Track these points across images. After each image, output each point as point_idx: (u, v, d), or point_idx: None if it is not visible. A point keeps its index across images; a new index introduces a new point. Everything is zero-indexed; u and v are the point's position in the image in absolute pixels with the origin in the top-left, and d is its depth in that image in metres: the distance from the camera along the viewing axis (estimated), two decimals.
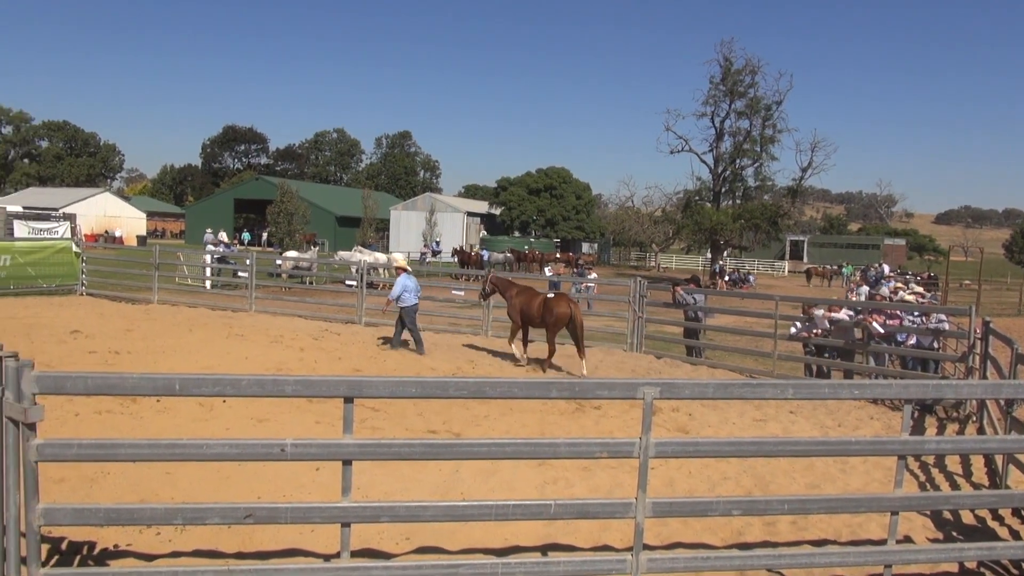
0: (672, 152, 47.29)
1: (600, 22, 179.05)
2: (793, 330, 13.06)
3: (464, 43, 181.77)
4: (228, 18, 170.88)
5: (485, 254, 42.15)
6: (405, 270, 13.51)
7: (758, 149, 45.59)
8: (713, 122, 46.20)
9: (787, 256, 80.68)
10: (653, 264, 69.13)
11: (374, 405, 8.52)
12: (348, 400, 3.96)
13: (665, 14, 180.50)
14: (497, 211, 68.62)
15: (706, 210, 45.48)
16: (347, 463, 4.00)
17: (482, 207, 71.85)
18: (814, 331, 12.54)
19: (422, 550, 5.10)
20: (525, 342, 13.04)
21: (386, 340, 13.68)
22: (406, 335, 13.30)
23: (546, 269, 31.96)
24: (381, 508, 4.18)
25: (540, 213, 66.08)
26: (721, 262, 49.02)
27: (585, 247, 66.77)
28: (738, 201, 47.21)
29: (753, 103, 44.93)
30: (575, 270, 36.65)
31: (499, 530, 5.31)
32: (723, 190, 47.20)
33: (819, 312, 12.60)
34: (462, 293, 21.33)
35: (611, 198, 69.31)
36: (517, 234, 65.00)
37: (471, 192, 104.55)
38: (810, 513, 5.54)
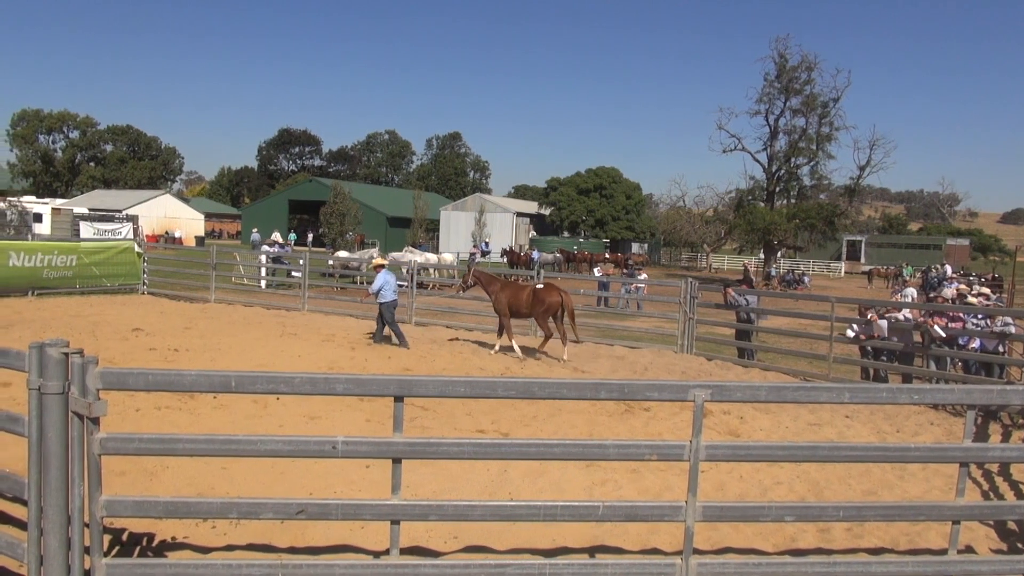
0: (725, 151, 46.60)
1: (651, 20, 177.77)
2: (851, 333, 12.74)
3: (513, 43, 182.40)
4: (285, 24, 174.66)
5: (536, 254, 42.06)
6: (383, 266, 13.86)
7: (814, 147, 44.59)
8: (767, 120, 45.38)
9: (844, 257, 78.64)
10: (704, 265, 68.21)
11: (423, 404, 8.59)
12: (398, 399, 4.00)
13: (718, 11, 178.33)
14: (547, 211, 68.57)
15: (759, 210, 44.66)
16: (397, 461, 4.04)
17: (531, 207, 71.88)
18: (872, 334, 12.21)
19: (470, 549, 5.12)
20: (510, 333, 13.28)
21: (390, 340, 13.73)
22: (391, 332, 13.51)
23: (595, 270, 31.82)
24: (430, 507, 4.20)
25: (590, 213, 65.79)
26: (774, 263, 48.09)
27: (635, 247, 66.23)
28: (793, 200, 46.26)
29: (809, 100, 43.96)
30: (625, 271, 36.40)
31: (547, 531, 5.30)
32: (777, 189, 46.30)
33: (869, 316, 12.27)
34: None
35: (662, 198, 68.71)
36: (567, 234, 64.85)
37: (520, 192, 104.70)
38: (866, 520, 5.39)
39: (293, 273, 21.94)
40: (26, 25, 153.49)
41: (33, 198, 59.16)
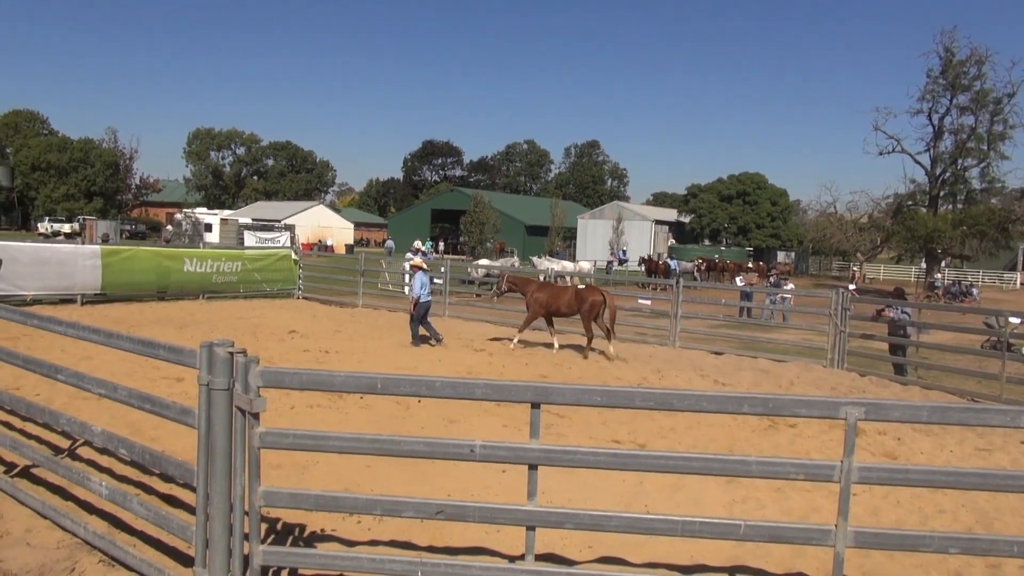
0: (881, 153, 43.92)
1: (797, 15, 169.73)
2: None
3: (652, 46, 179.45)
4: (428, 42, 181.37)
5: (674, 263, 41.08)
6: (421, 268, 14.31)
7: (985, 147, 41.03)
8: (931, 119, 42.27)
9: (1020, 267, 71.59)
10: (858, 274, 64.25)
11: (559, 411, 8.60)
12: (535, 405, 4.02)
13: (872, 3, 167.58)
14: (686, 219, 67.09)
15: (921, 216, 41.58)
16: (533, 467, 4.06)
17: (671, 215, 70.57)
18: None
19: (604, 560, 5.07)
20: (526, 327, 13.95)
21: (428, 341, 13.91)
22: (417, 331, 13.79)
23: (737, 279, 30.71)
24: (565, 514, 4.19)
25: (732, 220, 63.74)
26: (938, 274, 44.53)
27: (781, 256, 63.42)
28: (959, 206, 42.72)
29: (979, 97, 40.51)
30: (768, 280, 34.93)
31: (684, 546, 5.15)
32: (941, 193, 42.96)
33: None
34: (649, 303, 21.01)
35: (810, 204, 65.10)
36: (707, 242, 63.16)
37: (659, 200, 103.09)
38: None
39: (434, 280, 22.65)
40: (200, 51, 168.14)
41: (204, 209, 64.61)
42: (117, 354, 7.78)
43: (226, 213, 64.52)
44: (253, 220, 53.40)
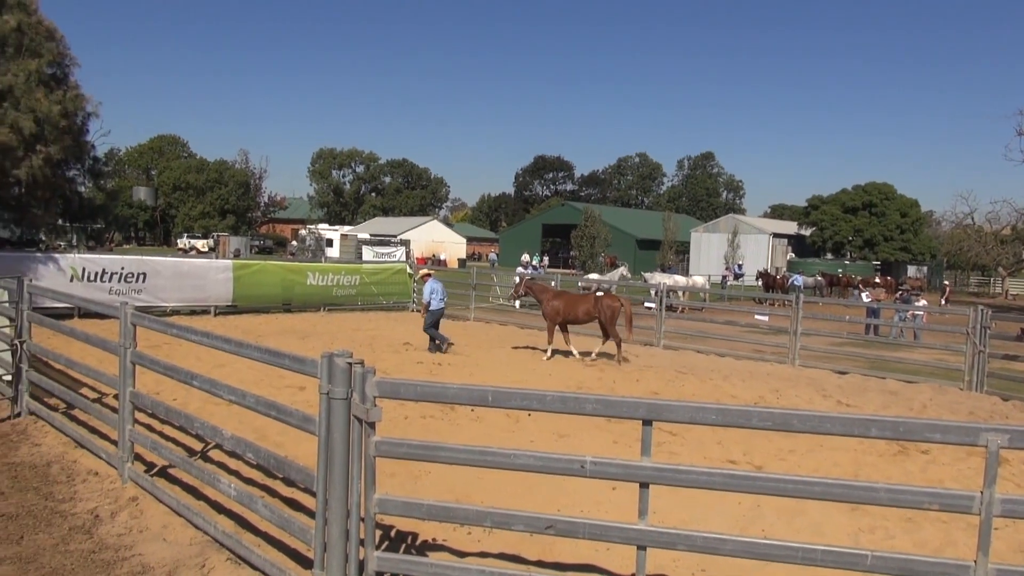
0: None
1: (928, 16, 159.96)
2: None
3: (769, 53, 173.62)
4: (540, 58, 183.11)
5: (798, 279, 38.98)
6: (431, 275, 15.10)
7: None
8: None
9: None
10: (999, 290, 59.63)
11: (671, 429, 8.42)
12: (647, 422, 3.94)
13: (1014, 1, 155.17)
14: (807, 232, 64.40)
15: None
16: (644, 485, 3.98)
17: (790, 228, 67.97)
18: None
19: None
20: (551, 336, 14.27)
21: (441, 348, 14.20)
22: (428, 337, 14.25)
23: (863, 295, 29.17)
24: (678, 535, 4.08)
25: (857, 233, 60.66)
26: None
27: (911, 270, 59.77)
28: None
29: None
30: (896, 296, 32.97)
31: (803, 575, 4.91)
32: None
33: None
34: (766, 318, 20.27)
35: (945, 215, 61.07)
36: (830, 256, 60.39)
37: (777, 212, 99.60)
38: None
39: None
40: (324, 73, 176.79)
41: (326, 225, 67.75)
42: (245, 362, 8.22)
43: (346, 229, 67.38)
44: (371, 235, 55.45)
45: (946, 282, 42.68)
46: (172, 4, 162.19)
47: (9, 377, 8.46)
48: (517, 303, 20.17)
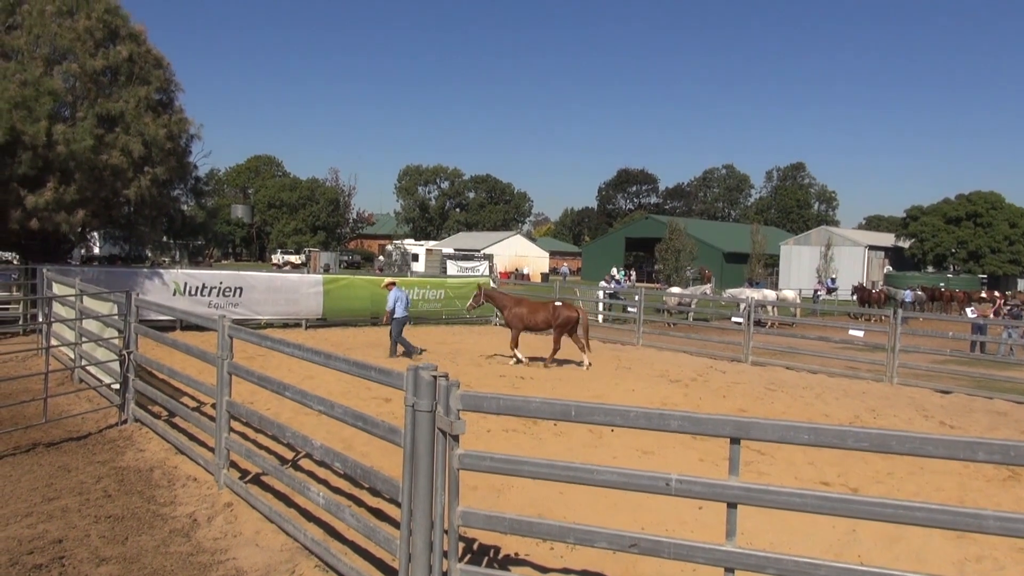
0: None
1: None
2: None
3: (865, 53, 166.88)
4: (623, 69, 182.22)
5: (908, 294, 36.86)
6: (394, 284, 15.39)
7: None
8: None
9: None
10: (998, 298, 55.39)
11: (760, 448, 8.16)
12: (734, 441, 3.83)
13: None
14: (905, 244, 61.58)
15: None
16: (732, 506, 3.86)
17: (887, 240, 65.14)
18: None
19: None
20: (515, 343, 14.62)
21: (410, 356, 14.44)
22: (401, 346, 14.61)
23: (968, 310, 27.61)
24: (767, 558, 3.93)
25: (960, 245, 57.61)
26: None
27: (1022, 284, 56.26)
28: None
29: None
30: (1006, 311, 31.04)
31: None
32: None
33: None
34: (861, 334, 19.43)
35: None
36: (931, 269, 57.52)
37: (873, 224, 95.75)
38: None
39: (628, 308, 22.52)
40: (407, 92, 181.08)
41: (412, 241, 69.14)
42: (333, 374, 8.45)
43: (431, 244, 68.56)
44: (455, 250, 56.22)
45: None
46: (269, 37, 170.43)
47: (117, 386, 8.95)
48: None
